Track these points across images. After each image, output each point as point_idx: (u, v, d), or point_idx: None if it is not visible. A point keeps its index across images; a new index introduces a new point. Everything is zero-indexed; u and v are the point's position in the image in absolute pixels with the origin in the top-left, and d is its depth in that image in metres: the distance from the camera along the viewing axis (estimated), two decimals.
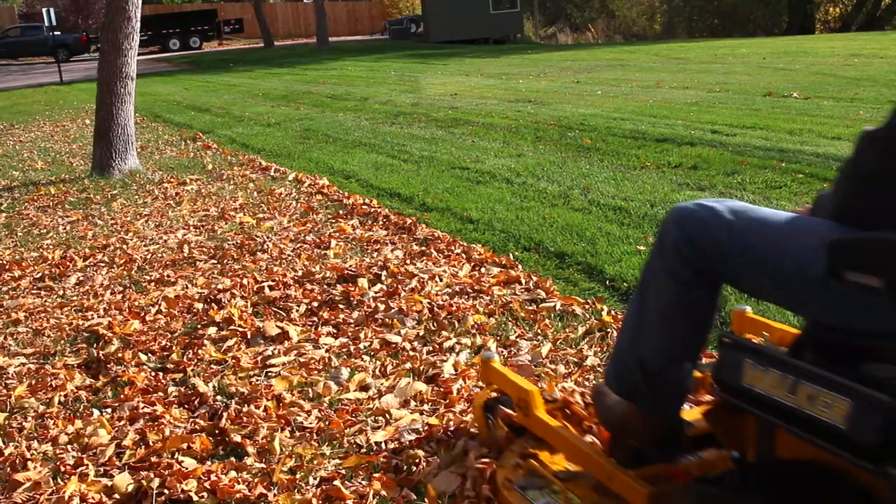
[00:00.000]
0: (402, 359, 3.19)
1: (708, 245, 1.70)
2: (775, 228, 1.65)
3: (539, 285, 3.87)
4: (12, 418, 2.94)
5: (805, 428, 1.37)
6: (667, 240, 1.77)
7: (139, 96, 9.04)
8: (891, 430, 1.22)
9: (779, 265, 1.60)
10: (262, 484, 2.37)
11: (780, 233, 1.62)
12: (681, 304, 1.76)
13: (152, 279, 4.45)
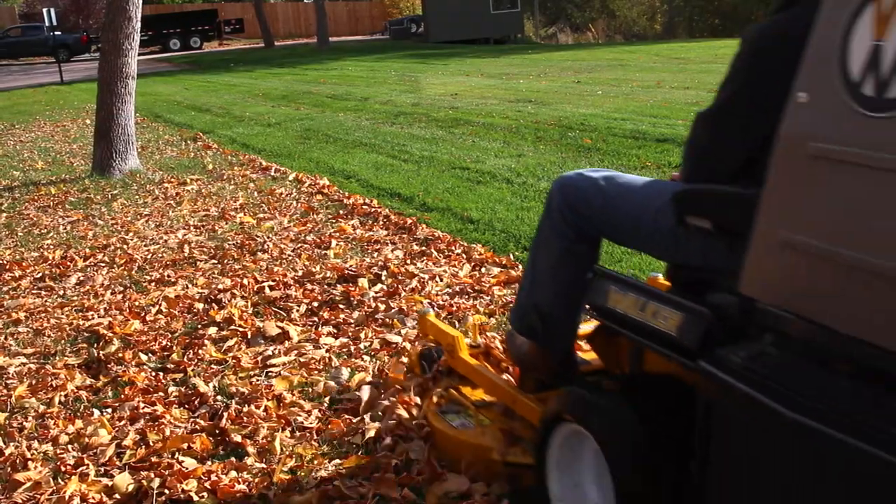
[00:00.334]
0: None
1: (585, 208, 2.09)
2: (638, 192, 2.03)
3: None
4: (13, 418, 2.94)
5: (650, 337, 1.79)
6: (552, 205, 2.15)
7: (140, 96, 9.04)
8: (707, 336, 1.62)
9: (641, 220, 1.98)
10: (263, 484, 2.38)
11: (641, 195, 2.01)
12: (566, 257, 2.15)
13: (153, 279, 4.45)
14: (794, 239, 1.44)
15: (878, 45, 1.30)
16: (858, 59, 1.33)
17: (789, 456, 1.39)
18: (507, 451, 2.29)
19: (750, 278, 1.54)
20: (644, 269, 3.87)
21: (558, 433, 1.99)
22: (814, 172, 1.40)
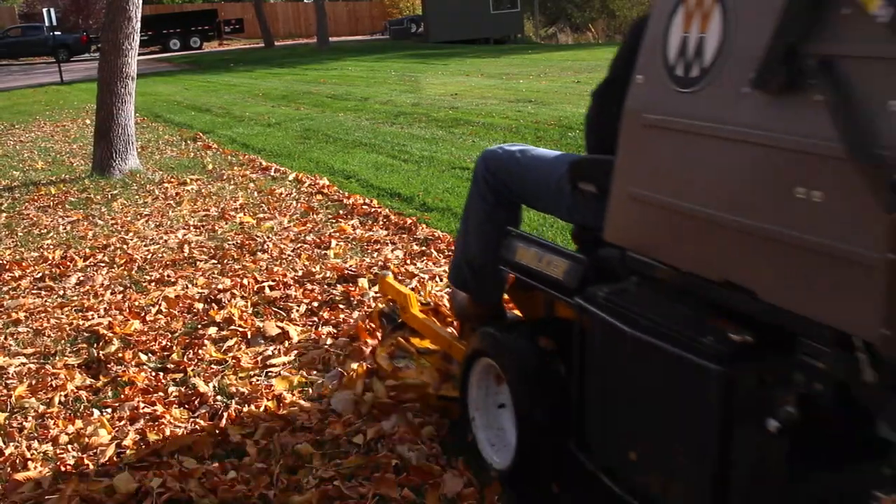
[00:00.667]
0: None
1: (503, 176, 2.45)
2: (546, 163, 2.38)
3: None
4: (13, 418, 2.94)
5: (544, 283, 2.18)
6: (477, 174, 2.52)
7: (139, 96, 9.04)
8: (584, 279, 2.01)
9: (547, 186, 2.32)
10: (263, 484, 2.38)
11: (548, 165, 2.35)
12: (490, 219, 2.51)
13: (152, 279, 4.45)
14: (637, 193, 1.78)
15: (685, 36, 1.66)
16: (673, 48, 1.69)
17: (633, 365, 1.78)
18: (441, 386, 2.72)
19: (609, 227, 1.89)
20: None
21: (476, 367, 2.40)
22: (647, 138, 1.75)
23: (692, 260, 1.68)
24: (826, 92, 1.36)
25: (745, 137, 1.52)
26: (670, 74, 1.69)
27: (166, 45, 34.27)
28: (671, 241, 1.72)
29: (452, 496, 2.28)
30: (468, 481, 2.33)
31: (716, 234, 1.60)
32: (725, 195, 1.57)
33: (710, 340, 1.59)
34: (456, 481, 2.32)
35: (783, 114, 1.45)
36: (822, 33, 1.39)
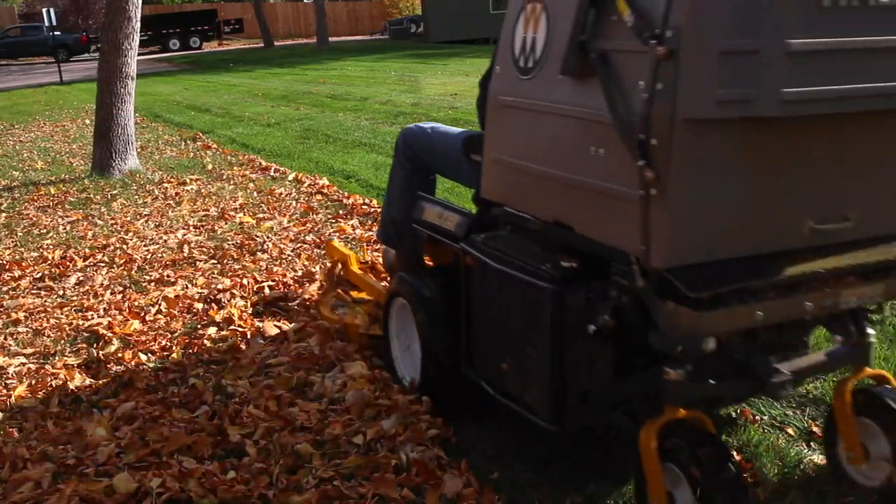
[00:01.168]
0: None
1: (418, 149, 3.07)
2: (451, 138, 2.92)
3: None
4: (12, 418, 2.94)
5: (442, 234, 2.65)
6: (398, 147, 3.15)
7: (139, 96, 9.03)
8: (468, 229, 2.49)
9: (451, 158, 2.86)
10: (262, 484, 2.37)
11: (452, 140, 2.89)
12: (408, 185, 3.08)
13: (152, 279, 4.45)
14: (498, 157, 2.32)
15: (524, 36, 2.15)
16: (517, 45, 2.17)
17: (498, 293, 2.30)
18: (369, 327, 3.26)
19: (483, 186, 2.43)
20: None
21: (393, 307, 2.92)
22: (503, 115, 2.27)
23: (534, 206, 2.23)
24: (602, 76, 1.85)
25: (560, 111, 2.03)
26: (516, 66, 2.19)
27: (166, 45, 34.28)
28: (521, 193, 2.28)
29: (452, 496, 2.28)
30: (468, 482, 2.33)
31: (547, 185, 2.13)
32: (550, 155, 2.10)
33: (548, 267, 2.11)
34: (456, 482, 2.32)
35: (581, 93, 1.95)
36: (600, 33, 1.89)
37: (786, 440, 2.56)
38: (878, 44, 1.77)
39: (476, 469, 2.42)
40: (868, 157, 1.95)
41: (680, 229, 1.79)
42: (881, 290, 2.06)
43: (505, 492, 2.32)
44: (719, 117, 1.69)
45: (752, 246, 1.90)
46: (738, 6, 1.67)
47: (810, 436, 2.59)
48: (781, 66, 1.68)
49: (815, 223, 1.93)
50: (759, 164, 1.83)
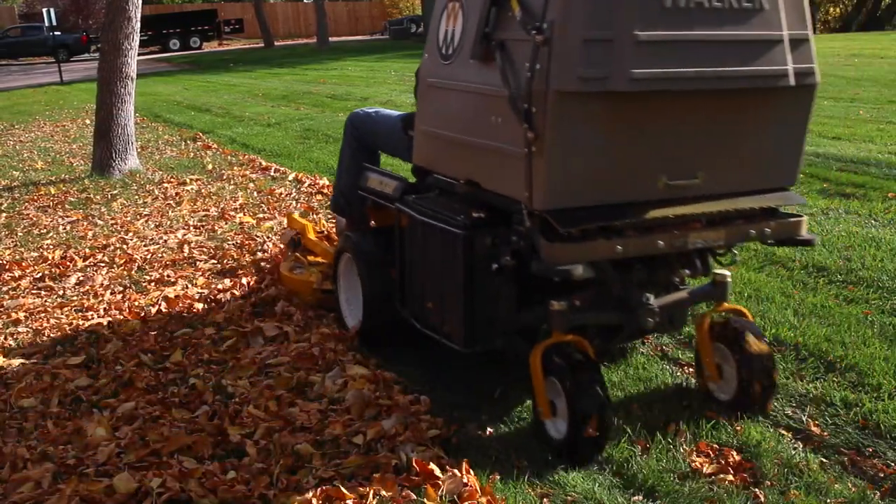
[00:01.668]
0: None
1: (362, 130, 3.67)
2: (391, 118, 3.57)
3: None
4: (12, 418, 2.94)
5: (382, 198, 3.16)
6: (346, 129, 3.74)
7: (139, 96, 9.03)
8: (403, 192, 2.97)
9: (392, 137, 3.46)
10: (263, 484, 2.37)
11: (392, 121, 3.54)
12: (355, 161, 3.64)
13: (152, 279, 4.45)
14: (425, 129, 2.86)
15: (446, 29, 2.69)
16: (441, 36, 2.73)
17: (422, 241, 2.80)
18: (322, 283, 3.74)
19: (415, 154, 2.98)
20: None
21: (341, 262, 3.44)
22: (429, 93, 2.83)
23: (452, 168, 2.76)
24: (500, 60, 2.40)
25: (471, 89, 2.57)
26: (439, 53, 2.75)
27: (166, 45, 34.25)
28: (442, 158, 2.84)
29: (453, 496, 2.28)
30: (468, 482, 2.33)
31: (461, 149, 2.68)
32: (463, 124, 2.64)
33: (461, 218, 2.61)
34: (456, 482, 2.32)
35: (485, 73, 2.49)
36: (499, 27, 2.43)
37: (786, 440, 2.56)
38: (708, 37, 2.32)
39: (477, 469, 2.42)
40: (709, 127, 2.47)
41: (554, 179, 2.31)
42: (723, 235, 2.57)
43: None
44: (582, 91, 2.23)
45: (615, 195, 2.43)
46: (598, 5, 2.22)
47: (810, 436, 2.59)
48: (630, 52, 2.22)
49: (669, 179, 2.46)
50: (617, 129, 2.34)
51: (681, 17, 2.29)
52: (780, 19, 2.42)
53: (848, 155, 6.37)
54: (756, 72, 2.40)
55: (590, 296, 2.63)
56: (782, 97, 2.50)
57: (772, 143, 2.58)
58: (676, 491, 2.31)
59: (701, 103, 2.41)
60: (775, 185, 2.66)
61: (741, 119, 2.50)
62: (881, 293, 3.61)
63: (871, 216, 4.78)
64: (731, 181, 2.56)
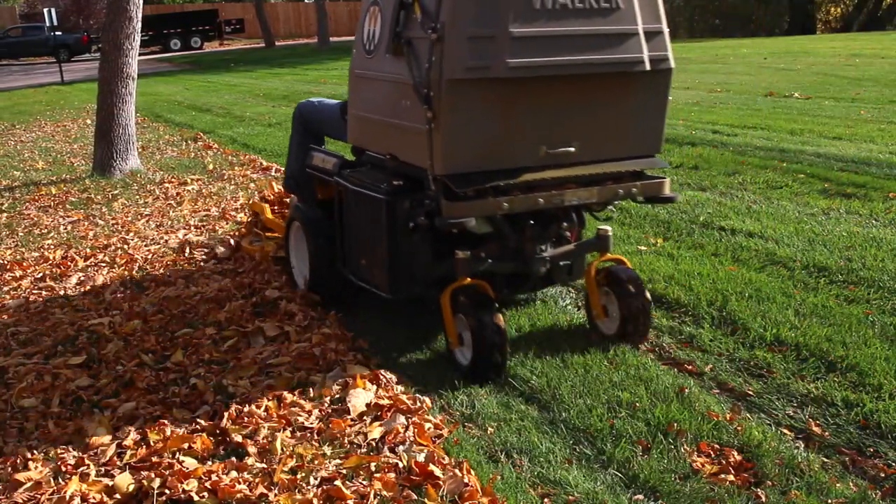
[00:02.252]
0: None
1: (308, 118, 4.12)
2: (332, 106, 4.02)
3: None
4: (13, 418, 2.94)
5: (324, 174, 3.64)
6: (294, 117, 4.23)
7: (140, 96, 9.03)
8: (340, 168, 3.50)
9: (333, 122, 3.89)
10: (263, 484, 2.37)
11: (333, 107, 3.98)
12: (302, 145, 4.04)
13: (153, 279, 4.45)
14: (356, 113, 3.42)
15: (369, 29, 3.21)
16: (365, 34, 3.25)
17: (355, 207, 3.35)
18: (276, 251, 4.35)
19: (349, 135, 3.52)
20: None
21: (291, 229, 4.01)
22: (357, 83, 3.37)
23: (376, 145, 3.35)
24: (407, 54, 2.91)
25: (387, 78, 3.11)
26: (364, 49, 3.29)
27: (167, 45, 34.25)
28: (369, 136, 3.41)
29: (453, 496, 2.28)
30: (469, 482, 2.32)
31: (382, 128, 3.23)
32: (382, 108, 3.19)
33: (384, 186, 3.15)
34: (457, 482, 2.32)
35: (397, 65, 3.00)
36: (407, 27, 2.94)
37: (787, 440, 2.56)
38: (573, 31, 2.87)
39: (478, 469, 2.42)
40: (580, 105, 3.02)
41: (449, 150, 2.86)
42: (595, 194, 3.12)
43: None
44: (468, 78, 2.78)
45: (502, 162, 2.96)
46: (480, 8, 2.76)
47: (811, 436, 2.59)
48: (507, 46, 2.77)
49: (548, 148, 3.01)
50: (501, 108, 2.89)
51: (549, 16, 2.84)
52: (635, 16, 2.97)
53: (849, 155, 6.37)
54: (615, 59, 2.95)
55: (492, 248, 3.22)
56: (641, 80, 3.06)
57: (636, 118, 3.14)
58: (678, 491, 2.31)
59: (571, 85, 2.96)
60: (642, 153, 3.22)
61: (607, 98, 3.06)
62: (882, 293, 3.61)
63: (871, 216, 4.78)
64: (602, 150, 3.13)
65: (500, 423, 2.71)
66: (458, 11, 2.74)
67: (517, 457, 2.52)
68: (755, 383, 2.93)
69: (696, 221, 4.83)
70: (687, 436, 2.57)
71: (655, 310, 3.60)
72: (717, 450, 2.51)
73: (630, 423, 2.65)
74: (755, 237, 4.47)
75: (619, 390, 2.88)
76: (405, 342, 3.41)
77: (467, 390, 2.94)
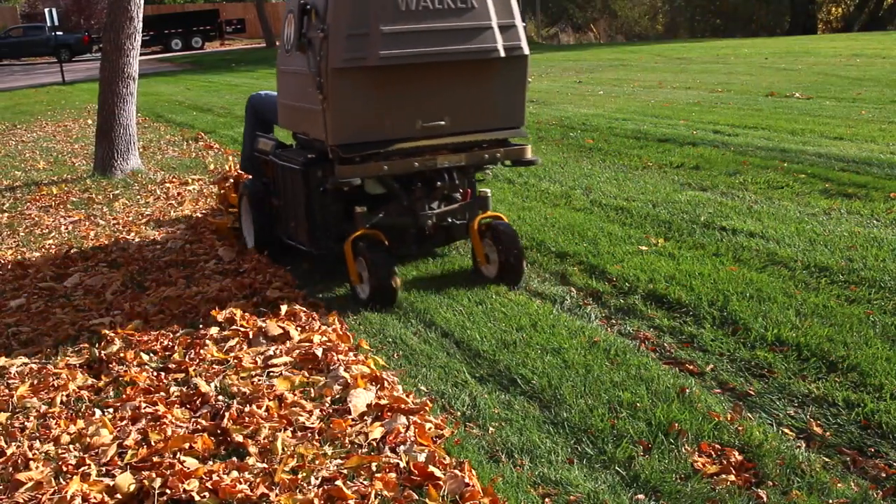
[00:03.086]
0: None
1: (258, 107, 4.99)
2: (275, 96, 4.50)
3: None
4: (14, 418, 2.94)
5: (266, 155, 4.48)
6: (247, 108, 5.16)
7: (141, 96, 9.03)
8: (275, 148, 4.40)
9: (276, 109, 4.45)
10: (264, 484, 2.37)
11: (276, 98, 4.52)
12: (253, 130, 4.92)
13: (154, 279, 4.45)
14: (283, 101, 4.24)
15: (287, 31, 4.03)
16: (285, 36, 4.04)
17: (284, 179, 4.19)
18: (233, 223, 5.09)
19: (279, 121, 4.37)
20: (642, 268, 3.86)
21: (242, 202, 4.76)
22: (282, 76, 4.18)
23: (295, 126, 4.13)
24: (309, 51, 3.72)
25: (297, 71, 3.85)
26: (283, 48, 4.04)
27: (168, 45, 34.25)
28: (292, 120, 4.14)
29: (454, 497, 2.28)
30: (470, 482, 2.32)
31: (297, 112, 3.99)
32: (296, 95, 3.95)
33: (301, 159, 3.96)
34: (458, 482, 2.32)
35: (303, 60, 3.75)
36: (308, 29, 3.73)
37: (788, 440, 2.56)
38: (434, 27, 3.67)
39: (479, 469, 2.42)
40: (448, 87, 3.81)
41: (337, 124, 3.68)
42: (464, 158, 3.90)
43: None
44: (348, 67, 3.60)
45: (384, 133, 3.75)
46: (355, 12, 3.57)
47: (812, 436, 2.58)
48: (379, 41, 3.58)
49: (423, 122, 3.80)
50: (379, 90, 3.70)
51: (413, 16, 3.64)
52: (489, 13, 3.76)
53: (850, 155, 6.36)
54: (472, 49, 3.74)
55: (390, 208, 3.98)
56: (499, 65, 3.85)
57: (499, 96, 3.92)
58: (679, 491, 2.31)
59: (438, 71, 3.76)
60: (506, 126, 3.99)
61: (471, 80, 3.84)
62: (883, 293, 3.61)
63: (873, 216, 4.78)
64: (470, 122, 3.90)
65: (502, 423, 2.71)
66: (338, 14, 3.56)
67: (518, 457, 2.52)
68: (756, 383, 2.93)
69: (697, 221, 4.83)
70: (688, 436, 2.57)
71: (656, 310, 3.60)
72: (719, 450, 2.51)
73: (631, 423, 2.65)
74: (756, 237, 4.47)
75: (621, 390, 2.88)
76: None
77: (468, 390, 2.94)
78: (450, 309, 3.71)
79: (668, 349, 3.24)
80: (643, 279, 3.90)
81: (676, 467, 2.42)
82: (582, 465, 2.47)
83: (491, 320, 3.55)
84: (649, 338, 3.31)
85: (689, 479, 2.37)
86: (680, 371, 3.04)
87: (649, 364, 3.07)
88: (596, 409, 2.76)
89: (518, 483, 2.37)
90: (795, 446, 2.52)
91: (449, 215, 4.06)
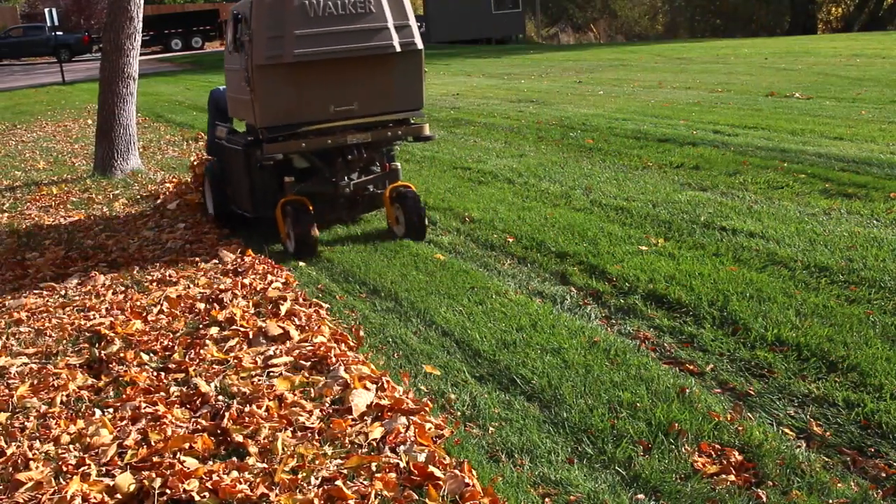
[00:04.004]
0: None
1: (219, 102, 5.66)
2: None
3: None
4: (14, 418, 2.94)
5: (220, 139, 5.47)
6: (209, 102, 5.99)
7: (141, 96, 9.03)
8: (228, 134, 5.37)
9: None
10: (264, 484, 2.37)
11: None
12: (214, 121, 5.72)
13: (154, 279, 4.45)
14: (231, 95, 5.16)
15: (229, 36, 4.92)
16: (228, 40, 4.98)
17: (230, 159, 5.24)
18: (200, 198, 5.93)
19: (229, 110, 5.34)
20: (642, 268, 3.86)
21: (206, 179, 5.66)
22: (229, 74, 5.12)
23: (239, 114, 5.01)
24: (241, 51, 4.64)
25: (235, 69, 4.79)
26: (227, 50, 4.99)
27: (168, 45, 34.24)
28: (237, 110, 5.02)
29: (454, 497, 2.28)
30: (470, 482, 2.32)
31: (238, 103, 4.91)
32: (237, 88, 4.83)
33: (244, 141, 4.93)
34: (458, 482, 2.32)
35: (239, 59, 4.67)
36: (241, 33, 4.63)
37: (788, 440, 2.56)
38: (339, 29, 4.49)
39: (479, 469, 2.42)
40: (354, 77, 4.63)
41: (262, 110, 4.54)
42: (369, 135, 4.74)
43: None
44: (269, 63, 4.43)
45: (302, 117, 4.61)
46: (273, 18, 4.41)
47: (812, 436, 2.58)
48: (293, 42, 4.42)
49: (336, 107, 4.65)
50: (296, 82, 4.52)
51: (321, 21, 4.49)
52: (385, 15, 4.60)
53: (850, 155, 6.36)
54: (371, 45, 4.58)
55: (315, 179, 4.87)
56: (397, 59, 4.69)
57: (399, 84, 4.76)
58: (679, 491, 2.31)
59: (346, 64, 4.59)
60: (407, 108, 4.84)
61: (374, 71, 4.66)
62: (883, 293, 3.61)
63: (872, 216, 4.78)
64: (377, 107, 4.75)
65: (502, 423, 2.72)
66: (259, 20, 4.43)
67: (518, 457, 2.52)
68: (756, 383, 2.93)
69: (697, 221, 4.83)
70: (688, 436, 2.57)
71: (656, 310, 3.60)
72: (718, 450, 2.51)
73: (631, 423, 2.65)
74: (756, 237, 4.47)
75: (621, 390, 2.88)
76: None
77: (469, 390, 2.94)
78: (450, 309, 3.71)
79: (668, 349, 3.24)
80: (643, 279, 3.90)
81: (676, 467, 2.42)
82: (582, 465, 2.47)
83: (491, 320, 3.55)
84: (649, 338, 3.31)
85: (689, 478, 2.37)
86: (680, 371, 3.04)
87: (649, 364, 3.08)
88: (596, 409, 2.76)
89: (518, 483, 2.37)
90: (795, 446, 2.52)
91: (366, 185, 4.95)
